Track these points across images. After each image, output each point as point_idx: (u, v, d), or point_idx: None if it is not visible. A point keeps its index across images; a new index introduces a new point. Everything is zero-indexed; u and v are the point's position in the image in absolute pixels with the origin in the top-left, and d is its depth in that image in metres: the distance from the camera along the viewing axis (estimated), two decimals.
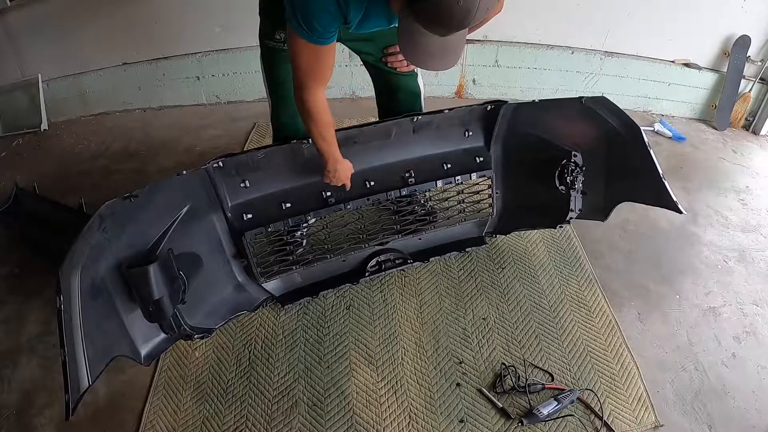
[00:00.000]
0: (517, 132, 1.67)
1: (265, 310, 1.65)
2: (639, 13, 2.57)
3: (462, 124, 1.67)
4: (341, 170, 1.45)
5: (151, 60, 2.64)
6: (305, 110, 1.28)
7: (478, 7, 0.91)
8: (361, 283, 1.72)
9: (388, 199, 1.61)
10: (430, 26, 0.97)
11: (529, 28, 2.64)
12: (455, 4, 0.90)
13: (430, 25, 0.97)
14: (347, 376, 1.47)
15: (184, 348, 1.53)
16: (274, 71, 1.51)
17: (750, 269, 1.90)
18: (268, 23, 1.42)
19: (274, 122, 1.62)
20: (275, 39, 1.41)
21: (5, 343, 1.56)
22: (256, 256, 1.54)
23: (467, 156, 1.70)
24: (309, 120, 1.29)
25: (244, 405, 1.40)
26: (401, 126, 1.55)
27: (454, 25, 0.96)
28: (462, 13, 0.91)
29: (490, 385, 1.45)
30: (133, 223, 1.23)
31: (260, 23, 1.45)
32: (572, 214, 1.64)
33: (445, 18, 0.93)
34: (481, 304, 1.68)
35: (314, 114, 1.27)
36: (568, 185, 1.61)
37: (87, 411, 1.38)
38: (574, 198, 1.62)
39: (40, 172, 2.35)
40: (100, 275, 1.18)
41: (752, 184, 2.37)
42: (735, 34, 2.61)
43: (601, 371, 1.49)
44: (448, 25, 0.96)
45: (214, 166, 1.34)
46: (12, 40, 2.52)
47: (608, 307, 1.69)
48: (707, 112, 2.86)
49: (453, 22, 0.94)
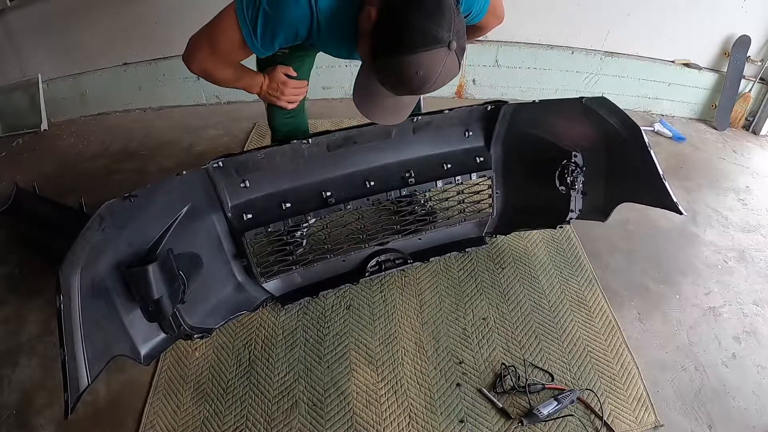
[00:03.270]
0: (518, 132, 1.67)
1: (265, 310, 1.65)
2: (639, 13, 2.57)
3: (462, 124, 1.67)
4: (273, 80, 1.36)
5: (151, 60, 2.64)
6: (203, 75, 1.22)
7: (435, 81, 0.95)
8: (361, 284, 1.72)
9: (388, 199, 1.61)
10: (386, 86, 1.00)
11: (529, 28, 2.64)
12: (414, 74, 0.93)
13: (386, 84, 1.00)
14: (347, 376, 1.47)
15: (184, 348, 1.53)
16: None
17: (750, 269, 1.90)
18: None
19: (271, 123, 1.61)
20: None
21: (5, 343, 1.56)
22: (256, 256, 1.54)
23: (467, 156, 1.70)
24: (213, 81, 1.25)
25: (244, 405, 1.40)
26: (401, 126, 1.54)
27: (409, 92, 1.00)
28: (419, 83, 0.94)
29: (490, 385, 1.45)
30: (133, 223, 1.22)
31: None
32: (572, 214, 1.64)
33: (402, 84, 0.97)
34: (481, 304, 1.68)
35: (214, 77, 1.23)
36: (568, 185, 1.60)
37: (87, 411, 1.38)
38: (574, 198, 1.62)
39: (40, 172, 2.34)
40: (100, 275, 1.18)
41: (752, 184, 2.37)
42: (735, 34, 2.61)
43: (601, 371, 1.49)
44: (403, 91, 1.00)
45: (214, 166, 1.34)
46: (12, 40, 2.52)
47: (608, 307, 1.69)
48: (707, 112, 2.86)
49: (409, 88, 0.98)
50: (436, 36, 0.90)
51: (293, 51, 1.32)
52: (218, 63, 1.19)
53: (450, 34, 0.91)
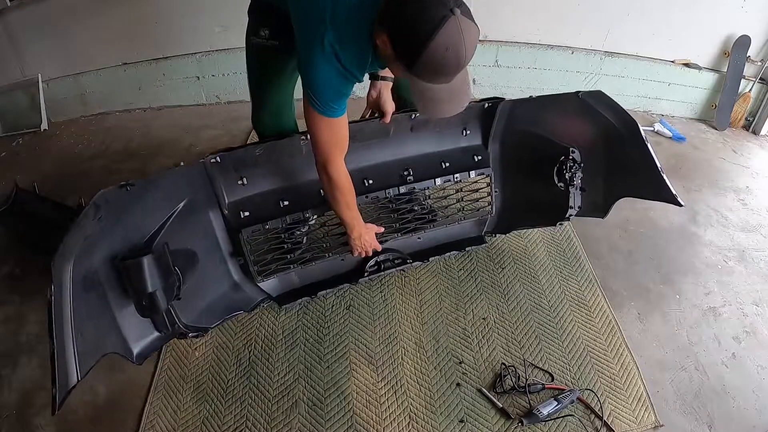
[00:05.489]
0: (515, 130, 1.67)
1: (265, 310, 1.65)
2: (639, 13, 2.57)
3: (460, 123, 1.67)
4: (366, 234, 1.48)
5: (151, 60, 2.64)
6: (331, 182, 1.30)
7: (465, 48, 0.97)
8: (361, 284, 1.72)
9: (386, 197, 1.60)
10: (433, 80, 1.03)
11: (529, 28, 2.64)
12: (446, 52, 0.96)
13: (432, 79, 1.03)
14: (347, 376, 1.47)
15: (184, 348, 1.53)
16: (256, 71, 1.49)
17: (750, 269, 1.90)
18: (253, 20, 1.42)
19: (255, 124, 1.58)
20: (260, 36, 1.40)
21: (5, 343, 1.56)
22: (254, 254, 1.53)
23: (465, 154, 1.70)
24: (335, 190, 1.33)
25: (244, 405, 1.40)
26: (399, 123, 1.54)
27: (453, 71, 1.02)
28: (454, 58, 0.98)
29: (490, 385, 1.45)
30: (129, 215, 1.21)
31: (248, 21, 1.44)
32: (572, 211, 1.63)
33: (443, 67, 1.00)
34: (481, 304, 1.68)
35: (339, 184, 1.31)
36: (566, 182, 1.60)
37: (87, 411, 1.38)
38: (572, 195, 1.61)
39: (40, 172, 2.34)
40: (94, 267, 1.16)
41: (752, 184, 2.37)
42: (735, 34, 2.61)
43: (601, 371, 1.49)
44: (447, 73, 1.02)
45: (212, 161, 1.34)
46: (12, 40, 2.52)
47: (608, 307, 1.69)
48: (707, 112, 2.86)
49: (450, 69, 1.00)
50: (438, 13, 0.94)
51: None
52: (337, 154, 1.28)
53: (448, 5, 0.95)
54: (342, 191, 1.34)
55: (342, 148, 1.28)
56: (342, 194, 1.34)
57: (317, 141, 1.24)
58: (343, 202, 1.36)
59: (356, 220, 1.44)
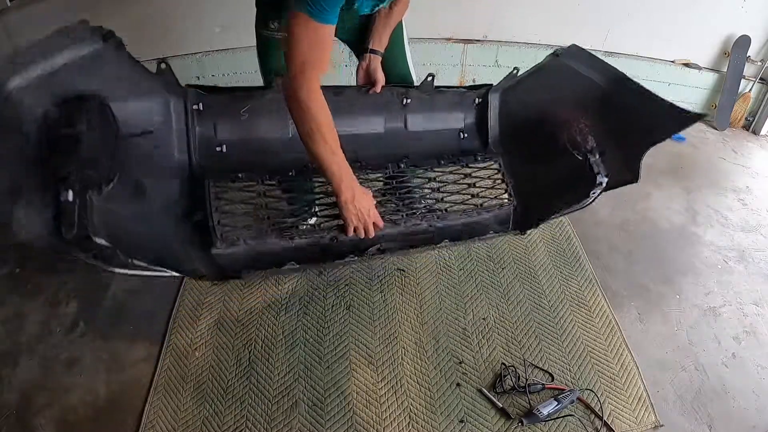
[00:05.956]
0: (511, 119, 1.63)
1: (265, 310, 1.65)
2: (639, 14, 2.58)
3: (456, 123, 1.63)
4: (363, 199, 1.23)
5: (151, 60, 2.64)
6: (304, 106, 1.09)
7: None
8: (361, 283, 1.71)
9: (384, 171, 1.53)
10: None
11: (529, 28, 2.64)
12: None
13: None
14: (347, 376, 1.47)
15: (184, 348, 1.53)
16: (268, 60, 1.52)
17: (750, 269, 1.90)
18: (262, 12, 1.44)
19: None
20: (269, 28, 1.42)
21: (5, 343, 1.56)
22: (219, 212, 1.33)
23: (467, 157, 1.68)
24: (310, 122, 1.09)
25: (244, 405, 1.40)
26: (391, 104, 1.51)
27: None
28: None
29: (490, 385, 1.45)
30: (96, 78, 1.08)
31: (256, 13, 1.47)
32: (600, 177, 1.44)
33: None
34: (481, 304, 1.68)
35: (314, 112, 1.08)
36: (580, 147, 1.47)
37: (87, 411, 1.38)
38: (594, 161, 1.46)
39: None
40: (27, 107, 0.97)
41: (752, 184, 2.37)
42: (735, 34, 2.62)
43: (601, 371, 1.49)
44: None
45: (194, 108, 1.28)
46: (12, 40, 2.51)
47: (608, 307, 1.69)
48: (707, 112, 2.86)
49: None
50: None
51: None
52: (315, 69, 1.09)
53: None
54: (319, 124, 1.08)
55: (321, 68, 1.09)
56: (319, 128, 1.08)
57: (294, 49, 1.06)
58: (321, 140, 1.09)
59: (344, 171, 1.16)
